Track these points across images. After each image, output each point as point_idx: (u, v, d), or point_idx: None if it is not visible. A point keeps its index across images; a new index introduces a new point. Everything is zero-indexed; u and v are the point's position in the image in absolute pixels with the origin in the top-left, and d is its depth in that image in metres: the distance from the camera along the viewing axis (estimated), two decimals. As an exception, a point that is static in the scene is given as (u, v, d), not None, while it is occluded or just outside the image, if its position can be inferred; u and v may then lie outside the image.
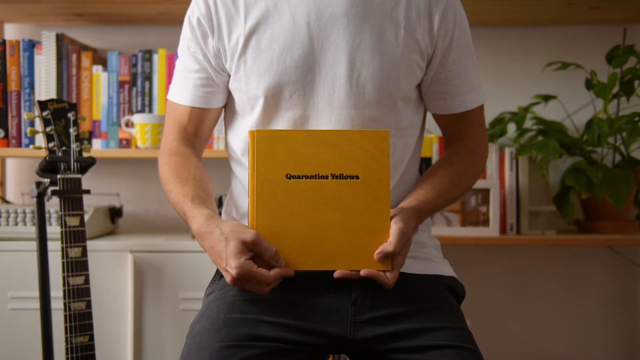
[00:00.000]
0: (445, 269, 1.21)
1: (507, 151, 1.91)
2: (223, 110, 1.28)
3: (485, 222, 1.88)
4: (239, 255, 0.99)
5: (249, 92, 1.15)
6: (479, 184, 1.85)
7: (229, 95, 1.22)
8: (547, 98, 2.02)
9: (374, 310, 1.08)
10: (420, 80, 1.19)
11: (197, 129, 1.24)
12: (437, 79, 1.20)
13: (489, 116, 2.06)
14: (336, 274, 1.01)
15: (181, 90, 1.22)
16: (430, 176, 1.18)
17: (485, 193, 1.87)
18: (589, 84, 1.94)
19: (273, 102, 1.14)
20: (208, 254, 1.06)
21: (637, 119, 1.85)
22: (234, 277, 1.00)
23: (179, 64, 1.24)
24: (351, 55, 1.12)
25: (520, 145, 1.98)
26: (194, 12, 1.18)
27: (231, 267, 0.99)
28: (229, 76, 1.20)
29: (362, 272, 1.01)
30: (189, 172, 1.16)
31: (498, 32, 2.16)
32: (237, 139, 1.22)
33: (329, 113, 1.14)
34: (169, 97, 1.25)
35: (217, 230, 1.02)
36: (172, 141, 1.23)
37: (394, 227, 1.03)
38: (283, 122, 1.15)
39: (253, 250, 1.00)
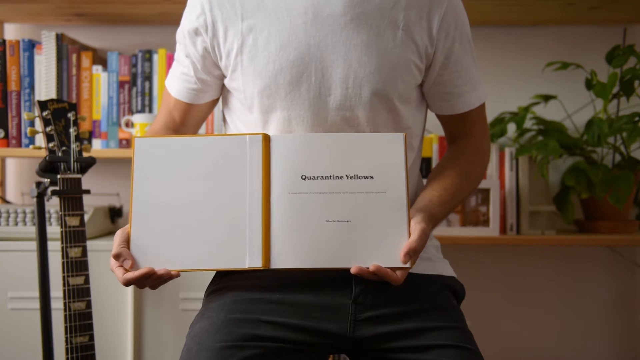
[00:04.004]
0: (446, 269, 1.20)
1: (507, 151, 1.91)
2: (223, 106, 1.28)
3: (485, 222, 1.88)
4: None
5: (246, 91, 1.15)
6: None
7: (229, 92, 1.22)
8: (547, 98, 2.02)
9: (374, 309, 1.08)
10: (419, 81, 1.19)
11: (184, 120, 1.28)
12: (440, 80, 1.20)
13: (489, 116, 2.05)
14: (353, 270, 1.00)
15: (174, 80, 1.26)
16: (440, 177, 1.17)
17: (485, 193, 1.87)
18: (589, 84, 1.94)
19: (269, 102, 1.14)
20: None
21: (637, 119, 1.85)
22: None
23: (175, 53, 1.26)
24: (348, 56, 1.12)
25: (520, 145, 1.98)
26: (189, 13, 1.18)
27: None
28: (223, 75, 1.20)
29: (371, 268, 0.99)
30: None
31: (498, 32, 2.16)
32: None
33: (325, 114, 1.13)
34: (165, 81, 1.30)
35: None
36: (157, 124, 1.29)
37: (418, 227, 1.02)
38: (279, 122, 1.15)
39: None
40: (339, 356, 1.83)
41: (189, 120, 1.28)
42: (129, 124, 1.90)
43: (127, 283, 1.01)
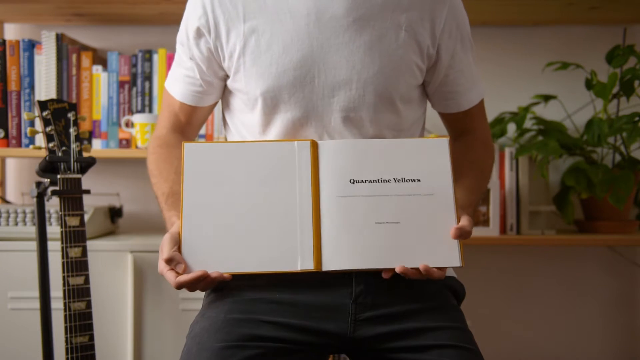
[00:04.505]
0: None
1: (507, 151, 1.91)
2: (224, 107, 1.28)
3: (485, 222, 1.87)
4: (161, 256, 1.03)
5: (248, 92, 1.15)
6: (479, 184, 1.85)
7: (230, 93, 1.22)
8: (547, 98, 2.02)
9: (374, 309, 1.08)
10: (420, 81, 1.20)
11: (189, 121, 1.28)
12: (446, 80, 1.22)
13: (489, 116, 2.05)
14: (398, 269, 1.01)
15: (175, 82, 1.25)
16: (459, 178, 1.18)
17: (485, 193, 1.87)
18: (589, 84, 1.94)
19: (272, 103, 1.14)
20: None
21: (637, 119, 1.85)
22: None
23: (176, 55, 1.26)
24: (351, 57, 1.12)
25: (520, 145, 1.98)
26: (190, 14, 1.18)
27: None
28: (227, 76, 1.20)
29: (421, 267, 1.01)
30: (170, 165, 1.20)
31: (498, 32, 2.16)
32: (240, 138, 1.23)
33: (329, 115, 1.14)
34: (166, 84, 1.29)
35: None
36: (163, 128, 1.28)
37: (466, 218, 1.05)
38: (282, 123, 1.15)
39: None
40: (339, 356, 1.83)
41: (194, 120, 1.28)
42: (129, 124, 1.90)
43: (179, 286, 1.01)
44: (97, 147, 1.92)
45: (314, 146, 1.09)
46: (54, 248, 1.55)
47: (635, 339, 2.18)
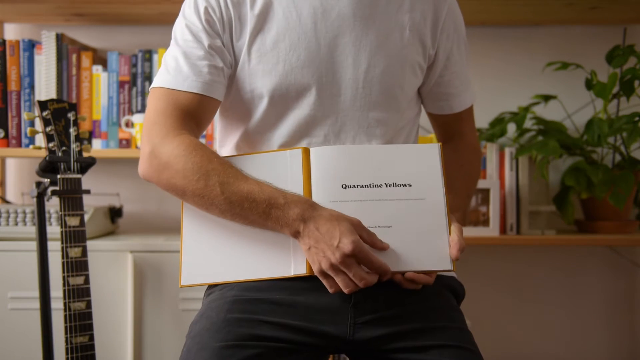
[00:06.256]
0: (445, 269, 1.21)
1: (507, 151, 1.91)
2: (223, 115, 1.26)
3: (485, 222, 1.87)
4: (353, 232, 0.98)
5: (253, 91, 1.15)
6: (479, 183, 1.85)
7: (231, 96, 1.21)
8: (547, 98, 2.02)
9: (374, 312, 1.07)
10: (421, 81, 1.21)
11: (205, 122, 1.13)
12: (440, 81, 1.23)
13: (489, 116, 2.06)
14: (408, 275, 1.03)
15: (184, 78, 1.10)
16: (448, 180, 1.17)
17: (485, 193, 1.87)
18: (589, 84, 1.94)
19: (280, 102, 1.14)
20: (309, 238, 1.00)
21: (637, 119, 1.85)
22: (346, 253, 0.96)
23: (177, 52, 1.14)
24: (357, 56, 1.13)
25: (520, 145, 1.98)
26: (202, 3, 1.14)
27: (345, 242, 0.96)
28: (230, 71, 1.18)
29: (407, 276, 1.03)
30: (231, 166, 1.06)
31: (498, 32, 2.16)
32: (232, 143, 1.21)
33: (335, 114, 1.14)
34: (165, 84, 1.11)
35: (325, 212, 1.01)
36: (182, 132, 1.07)
37: (457, 227, 1.05)
38: (288, 122, 1.15)
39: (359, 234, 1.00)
40: (339, 356, 1.83)
41: (207, 124, 1.15)
42: (129, 124, 1.90)
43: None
44: (97, 147, 1.92)
45: (306, 153, 1.09)
46: (54, 248, 1.55)
47: (635, 338, 2.18)
